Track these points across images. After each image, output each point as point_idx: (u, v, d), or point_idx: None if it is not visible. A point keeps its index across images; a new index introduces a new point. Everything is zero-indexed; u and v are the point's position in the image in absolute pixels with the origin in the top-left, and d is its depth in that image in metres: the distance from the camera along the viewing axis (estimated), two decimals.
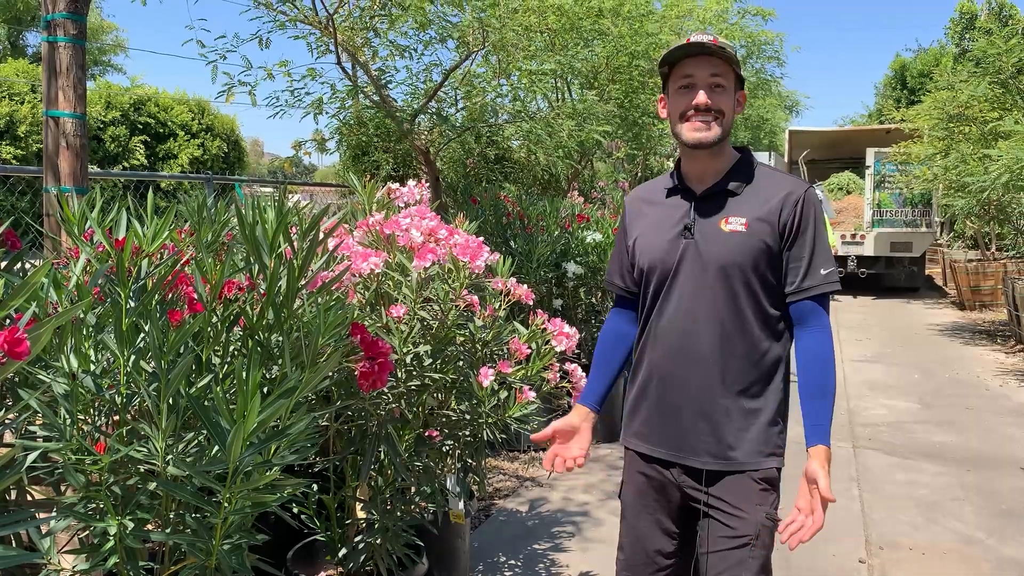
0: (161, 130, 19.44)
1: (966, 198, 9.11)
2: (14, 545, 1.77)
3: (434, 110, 5.54)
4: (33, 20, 28.83)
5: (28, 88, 16.82)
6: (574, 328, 2.57)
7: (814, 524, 1.80)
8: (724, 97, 1.91)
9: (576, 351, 2.67)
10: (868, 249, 13.92)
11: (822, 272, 1.88)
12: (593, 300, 5.76)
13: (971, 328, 10.77)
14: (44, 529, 1.73)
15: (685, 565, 2.04)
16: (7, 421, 1.63)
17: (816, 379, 1.87)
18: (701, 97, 1.88)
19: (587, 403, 2.14)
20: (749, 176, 1.96)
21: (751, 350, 1.91)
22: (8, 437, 1.75)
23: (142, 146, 18.62)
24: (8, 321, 1.51)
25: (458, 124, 5.75)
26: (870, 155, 13.93)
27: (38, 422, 1.67)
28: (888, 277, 14.29)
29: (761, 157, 14.54)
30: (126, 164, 17.93)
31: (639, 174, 10.32)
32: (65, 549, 1.76)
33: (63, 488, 1.76)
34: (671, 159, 11.27)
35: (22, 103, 16.50)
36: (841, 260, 13.90)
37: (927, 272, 16.23)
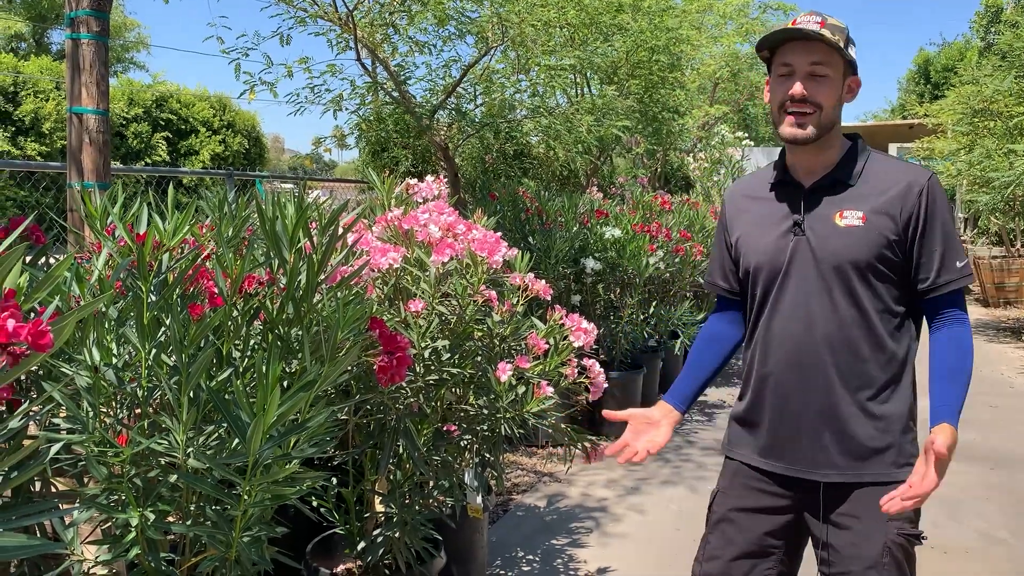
0: (183, 126, 19.60)
1: (990, 194, 9.00)
2: (38, 535, 1.80)
3: (453, 106, 5.55)
4: (57, 18, 29.14)
5: (52, 85, 17.00)
6: (592, 324, 2.56)
7: (925, 484, 1.61)
8: (825, 88, 1.74)
9: (594, 347, 2.67)
10: None
11: (957, 265, 1.74)
12: (612, 296, 5.75)
13: (995, 325, 10.65)
14: (67, 520, 1.75)
15: None
16: (31, 413, 1.65)
17: (951, 362, 1.75)
18: (797, 88, 1.73)
19: (671, 401, 2.03)
20: (863, 164, 1.80)
21: (877, 351, 1.77)
22: (32, 429, 1.77)
23: (164, 142, 18.78)
24: (32, 314, 1.53)
25: (477, 120, 5.76)
26: (893, 150, 13.81)
27: (61, 414, 1.69)
28: None
29: (776, 154, 14.44)
30: (148, 160, 18.10)
31: (659, 170, 10.29)
32: (88, 540, 1.78)
33: (86, 480, 1.78)
34: (690, 155, 11.23)
35: (47, 100, 16.69)
36: None
37: None
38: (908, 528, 1.75)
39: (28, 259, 1.84)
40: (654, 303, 5.84)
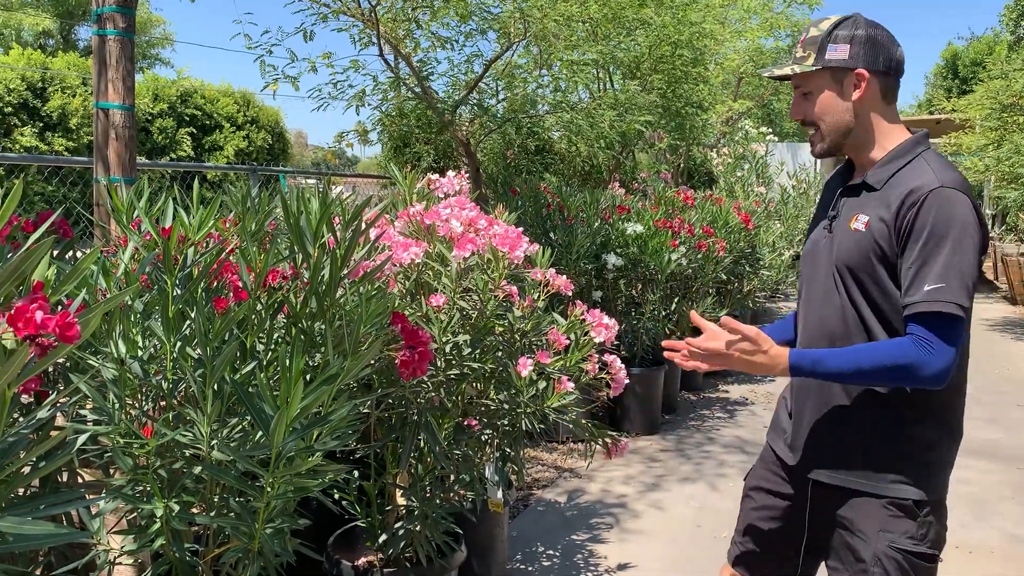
0: (207, 122, 19.75)
1: (1019, 190, 8.88)
2: (65, 524, 1.82)
3: (475, 101, 5.55)
4: (84, 14, 29.46)
5: (79, 81, 17.19)
6: (613, 319, 2.56)
7: (705, 341, 1.71)
8: (813, 105, 1.78)
9: (615, 342, 2.67)
10: None
11: (926, 288, 1.58)
12: (633, 292, 5.73)
13: (1022, 323, 10.50)
14: (94, 510, 1.78)
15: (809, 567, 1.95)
16: (58, 404, 1.67)
17: (861, 346, 1.67)
18: (793, 113, 1.85)
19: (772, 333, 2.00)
20: (895, 168, 1.73)
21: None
22: (60, 420, 1.80)
23: (189, 138, 18.94)
24: (59, 307, 1.55)
25: (499, 115, 5.76)
26: None
27: (88, 406, 1.71)
28: None
29: (807, 148, 14.32)
30: (173, 155, 18.26)
31: (681, 165, 10.24)
32: (114, 530, 1.81)
33: (112, 471, 1.80)
34: (714, 150, 11.16)
35: (74, 96, 16.88)
36: None
37: None
38: (906, 543, 1.69)
39: (56, 253, 1.86)
40: (676, 299, 5.82)
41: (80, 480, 1.88)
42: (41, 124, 16.38)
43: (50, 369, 1.88)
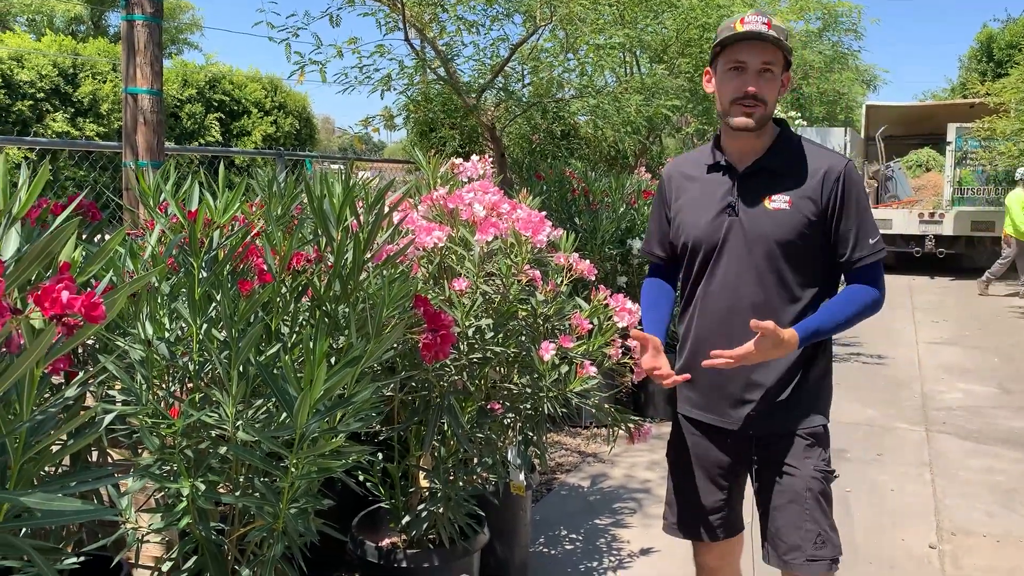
0: (235, 107, 19.85)
1: None
2: (95, 502, 1.86)
3: (500, 86, 5.54)
4: (115, 0, 29.69)
5: (110, 67, 17.34)
6: (637, 305, 2.55)
7: (740, 351, 1.86)
8: (771, 83, 1.95)
9: (639, 327, 2.66)
10: (947, 228, 13.40)
11: (870, 242, 1.96)
12: None
13: None
14: (123, 488, 1.81)
15: (734, 514, 2.19)
16: (87, 384, 1.70)
17: (832, 303, 1.96)
18: (750, 86, 1.92)
19: (661, 338, 2.14)
20: (789, 152, 2.01)
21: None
22: (89, 400, 1.83)
23: (217, 123, 19.06)
24: (87, 288, 1.58)
25: (524, 100, 5.74)
26: (951, 131, 13.40)
27: (117, 387, 1.74)
28: (967, 258, 13.75)
29: (837, 133, 14.15)
30: (202, 140, 18.39)
31: None
32: (142, 508, 1.84)
33: (140, 450, 1.83)
34: None
35: (104, 82, 17.03)
36: (919, 239, 13.46)
37: None
38: (822, 465, 2.01)
39: (84, 236, 1.89)
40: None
41: (109, 460, 1.91)
42: (72, 110, 16.55)
43: (80, 350, 1.92)
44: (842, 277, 2.07)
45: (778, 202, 1.95)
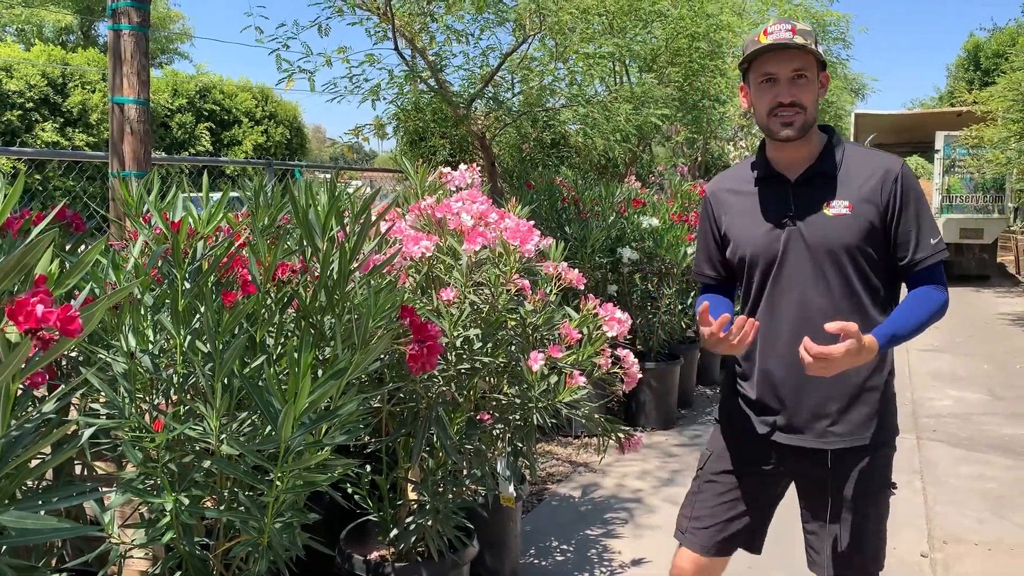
0: (226, 117, 19.83)
1: None
2: (78, 518, 1.83)
3: (490, 95, 5.53)
4: (104, 10, 29.62)
5: (99, 77, 17.29)
6: (626, 314, 2.54)
7: (831, 351, 1.73)
8: (807, 88, 1.90)
9: (628, 336, 2.65)
10: None
11: (932, 242, 1.91)
12: (649, 286, 5.70)
13: None
14: (106, 502, 1.78)
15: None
16: (66, 397, 1.68)
17: (904, 305, 1.89)
18: (784, 96, 1.89)
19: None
20: (841, 157, 1.97)
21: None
22: (73, 413, 1.81)
23: (208, 133, 19.03)
24: (71, 299, 1.56)
25: (514, 109, 5.73)
26: (940, 139, 13.47)
27: (101, 400, 1.72)
28: (957, 265, 13.81)
29: None
30: (192, 150, 18.35)
31: (699, 158, 10.18)
32: (125, 524, 1.82)
33: (124, 464, 1.81)
34: (731, 143, 11.08)
35: (93, 92, 16.99)
36: None
37: (999, 260, 15.66)
38: (886, 504, 2.04)
39: (68, 247, 1.87)
40: (692, 293, 5.78)
41: (94, 473, 1.89)
42: (62, 120, 16.50)
43: (63, 363, 1.89)
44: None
45: (837, 207, 1.91)
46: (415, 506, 2.49)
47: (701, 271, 2.21)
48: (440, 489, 2.45)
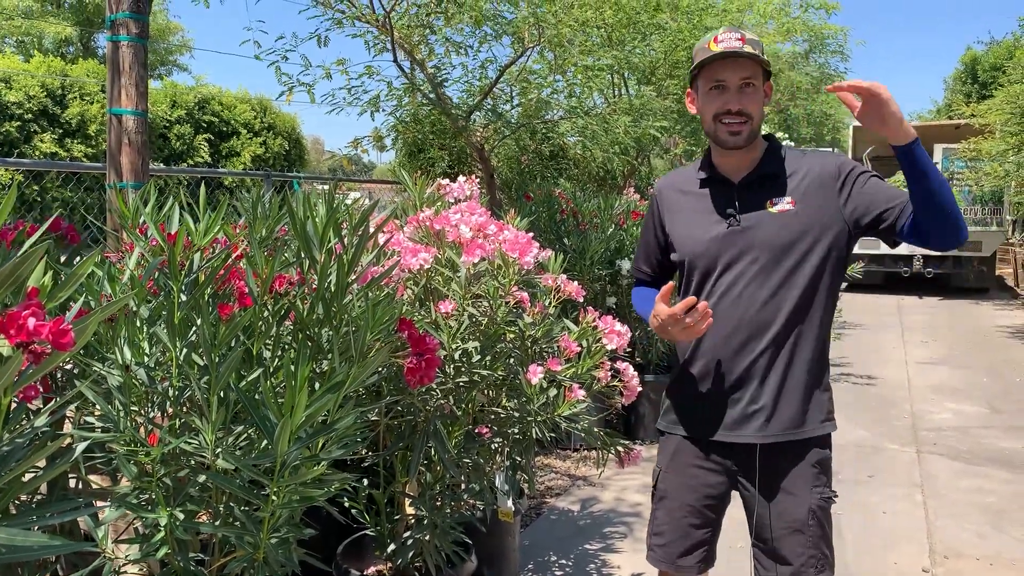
0: (224, 128, 19.83)
1: None
2: (73, 532, 1.81)
3: (489, 107, 5.53)
4: (103, 22, 29.69)
5: (98, 88, 17.31)
6: (626, 326, 2.53)
7: (880, 87, 1.78)
8: (754, 97, 1.95)
9: (628, 349, 2.63)
10: None
11: (902, 192, 1.92)
12: None
13: None
14: (101, 517, 1.76)
15: (714, 548, 2.21)
16: (59, 410, 1.66)
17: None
18: (733, 103, 1.94)
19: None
20: (781, 159, 2.04)
21: (820, 324, 1.99)
22: (68, 427, 1.79)
23: (206, 144, 19.03)
24: (66, 312, 1.54)
25: (513, 121, 5.73)
26: (938, 151, 13.50)
27: (96, 413, 1.70)
28: (956, 277, 13.81)
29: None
30: (191, 161, 18.36)
31: None
32: (119, 539, 1.79)
33: (119, 478, 1.79)
34: None
35: (92, 103, 16.99)
36: (907, 259, 13.52)
37: (997, 272, 15.67)
38: (827, 493, 2.00)
39: (63, 259, 1.86)
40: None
41: (89, 488, 1.87)
42: (61, 131, 16.50)
43: (58, 375, 1.87)
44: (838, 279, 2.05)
45: (781, 204, 1.97)
46: (413, 520, 2.46)
47: (639, 266, 2.29)
48: (438, 503, 2.43)
